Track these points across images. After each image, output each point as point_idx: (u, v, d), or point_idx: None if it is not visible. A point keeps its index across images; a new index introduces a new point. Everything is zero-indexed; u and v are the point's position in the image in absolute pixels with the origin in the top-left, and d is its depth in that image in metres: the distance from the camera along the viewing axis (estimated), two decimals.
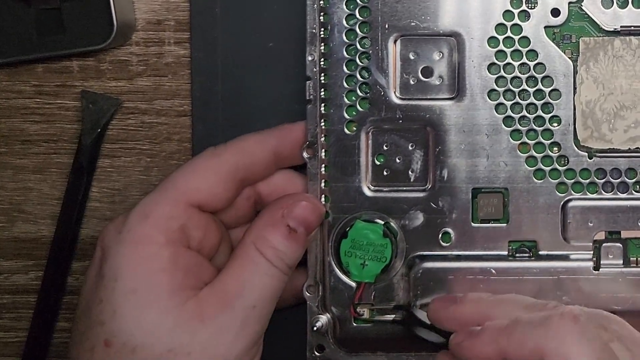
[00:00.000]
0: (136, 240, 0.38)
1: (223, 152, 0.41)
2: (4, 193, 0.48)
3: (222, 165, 0.41)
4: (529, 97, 0.43)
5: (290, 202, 0.41)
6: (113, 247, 0.39)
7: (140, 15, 0.47)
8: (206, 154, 0.41)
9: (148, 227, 0.39)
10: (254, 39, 0.46)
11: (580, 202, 0.43)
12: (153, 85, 0.47)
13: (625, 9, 0.43)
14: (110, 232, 0.39)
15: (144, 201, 0.40)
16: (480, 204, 0.44)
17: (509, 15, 0.43)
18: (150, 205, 0.39)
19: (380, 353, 0.44)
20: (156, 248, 0.38)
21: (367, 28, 0.43)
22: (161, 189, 0.40)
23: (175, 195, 0.40)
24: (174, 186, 0.40)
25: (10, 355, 0.48)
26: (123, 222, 0.39)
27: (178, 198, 0.40)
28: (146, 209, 0.39)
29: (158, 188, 0.40)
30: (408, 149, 0.43)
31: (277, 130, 0.43)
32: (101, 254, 0.39)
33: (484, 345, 0.38)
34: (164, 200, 0.40)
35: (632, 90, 0.43)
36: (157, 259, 0.38)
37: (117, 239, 0.39)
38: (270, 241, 0.40)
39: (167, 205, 0.39)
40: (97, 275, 0.39)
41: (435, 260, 0.43)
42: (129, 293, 0.38)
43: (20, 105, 0.47)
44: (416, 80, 0.43)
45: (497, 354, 0.38)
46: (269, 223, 0.40)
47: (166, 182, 0.40)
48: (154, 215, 0.39)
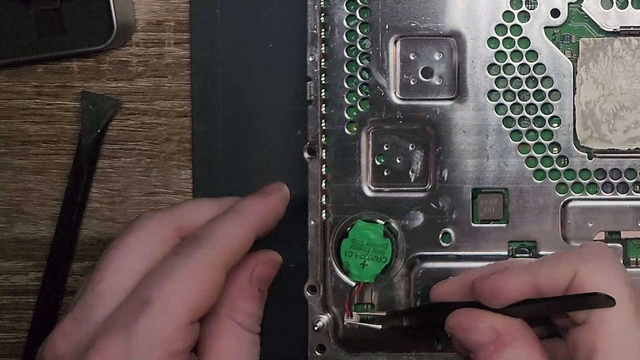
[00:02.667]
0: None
1: (210, 251, 0.37)
2: (4, 194, 0.47)
3: (216, 269, 0.37)
4: (528, 98, 0.43)
5: (253, 262, 0.40)
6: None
7: (140, 16, 0.47)
8: (196, 254, 0.37)
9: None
10: (254, 40, 0.46)
11: (580, 203, 0.43)
12: (153, 86, 0.47)
13: (625, 9, 0.43)
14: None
15: (138, 335, 0.34)
16: (480, 204, 0.44)
17: (508, 16, 0.43)
18: (152, 337, 0.35)
19: (380, 353, 0.44)
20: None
21: (367, 29, 0.43)
22: (153, 311, 0.35)
23: (175, 318, 0.35)
24: (168, 308, 0.35)
25: (10, 356, 0.48)
26: (110, 346, 0.34)
27: (178, 321, 0.35)
28: (146, 344, 0.34)
29: (147, 308, 0.35)
30: (408, 150, 0.44)
31: (258, 209, 0.40)
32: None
33: (512, 277, 0.36)
34: (165, 328, 0.35)
35: (631, 90, 0.43)
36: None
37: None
38: (247, 309, 0.39)
39: (170, 332, 0.35)
40: None
41: (435, 261, 0.44)
42: None
43: (20, 105, 0.47)
44: (416, 80, 0.43)
45: (526, 284, 0.36)
46: (241, 292, 0.39)
47: (153, 300, 0.35)
48: (161, 348, 0.35)
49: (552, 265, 0.36)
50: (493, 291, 0.37)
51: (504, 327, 0.36)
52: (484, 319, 0.37)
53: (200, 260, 0.36)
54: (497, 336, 0.36)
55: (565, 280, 0.36)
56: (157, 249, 0.38)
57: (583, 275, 0.35)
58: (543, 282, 0.36)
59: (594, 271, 0.35)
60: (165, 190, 0.47)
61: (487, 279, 0.37)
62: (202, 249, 0.37)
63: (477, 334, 0.36)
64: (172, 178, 0.47)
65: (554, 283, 0.36)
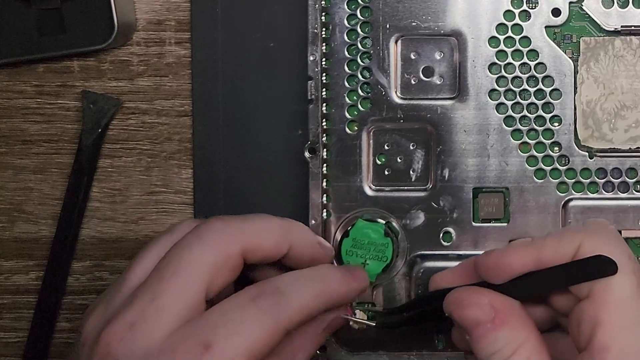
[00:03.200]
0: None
1: (285, 314, 0.36)
2: (4, 193, 0.47)
3: (283, 332, 0.36)
4: (529, 97, 0.43)
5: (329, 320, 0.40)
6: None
7: (140, 15, 0.47)
8: (271, 313, 0.36)
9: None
10: (254, 39, 0.46)
11: (581, 202, 0.43)
12: (154, 85, 0.47)
13: (625, 8, 0.43)
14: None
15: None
16: (481, 204, 0.44)
17: (509, 15, 0.43)
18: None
19: (381, 352, 0.44)
20: None
21: (368, 28, 0.43)
22: (212, 356, 0.34)
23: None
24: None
25: (11, 356, 0.48)
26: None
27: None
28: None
29: (205, 354, 0.34)
30: (409, 149, 0.44)
31: (343, 290, 0.39)
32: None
33: (516, 250, 0.36)
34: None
35: (632, 89, 0.43)
36: None
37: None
38: (310, 350, 0.40)
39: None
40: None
41: (436, 260, 0.44)
42: None
43: (21, 105, 0.47)
44: (417, 80, 0.43)
45: (531, 257, 0.36)
46: (311, 337, 0.40)
47: (214, 350, 0.34)
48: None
49: (556, 238, 0.36)
50: (496, 265, 0.37)
51: (503, 305, 0.36)
52: (484, 295, 0.36)
53: (274, 321, 0.36)
54: (495, 314, 0.36)
55: (569, 251, 0.35)
56: (221, 269, 0.37)
57: (587, 246, 0.35)
58: (547, 254, 0.36)
59: (598, 243, 0.35)
60: (165, 189, 0.47)
61: (489, 254, 0.37)
62: (280, 309, 0.36)
63: (476, 310, 0.36)
64: (173, 177, 0.47)
65: (558, 255, 0.36)
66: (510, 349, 0.35)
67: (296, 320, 0.37)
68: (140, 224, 0.47)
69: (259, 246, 0.38)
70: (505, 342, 0.35)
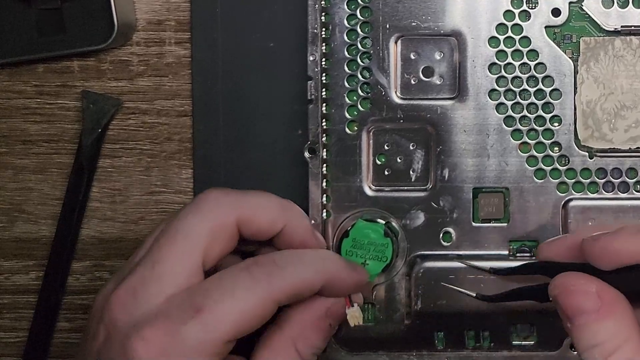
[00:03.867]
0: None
1: (278, 285, 0.37)
2: (4, 193, 0.47)
3: (273, 303, 0.37)
4: (529, 97, 0.43)
5: (334, 304, 0.40)
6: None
7: (140, 15, 0.47)
8: (263, 282, 0.37)
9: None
10: (254, 39, 0.46)
11: (581, 202, 0.43)
12: (154, 86, 0.47)
13: (625, 8, 0.43)
14: (140, 352, 0.35)
15: (181, 336, 0.35)
16: (481, 204, 0.44)
17: (509, 15, 0.43)
18: (191, 343, 0.35)
19: (381, 352, 0.44)
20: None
21: (368, 28, 0.43)
22: (200, 321, 0.35)
23: (216, 335, 0.36)
24: (214, 324, 0.36)
25: (11, 355, 0.48)
26: (154, 339, 0.35)
27: (218, 338, 0.36)
28: (184, 347, 0.35)
29: (196, 316, 0.36)
30: (409, 149, 0.44)
31: (343, 280, 0.40)
32: (111, 328, 0.36)
33: (625, 238, 0.36)
34: (204, 341, 0.36)
35: (632, 90, 0.43)
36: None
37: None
38: (312, 340, 0.39)
39: (207, 346, 0.36)
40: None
41: (436, 260, 0.44)
42: None
43: (21, 105, 0.47)
44: (417, 80, 0.43)
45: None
46: (312, 322, 0.39)
47: (205, 312, 0.36)
48: (195, 358, 0.36)
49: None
50: (603, 252, 0.36)
51: (611, 297, 0.35)
52: (592, 283, 0.35)
53: (265, 290, 0.37)
54: (601, 304, 0.35)
55: None
56: (217, 236, 0.38)
57: None
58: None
59: None
60: (166, 189, 0.47)
61: (597, 239, 0.36)
62: (272, 280, 0.37)
63: (581, 298, 0.35)
64: (173, 177, 0.47)
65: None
66: (613, 345, 0.34)
67: (288, 293, 0.37)
68: (140, 224, 0.47)
69: (254, 218, 0.39)
70: (609, 336, 0.34)
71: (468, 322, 0.44)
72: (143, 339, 0.35)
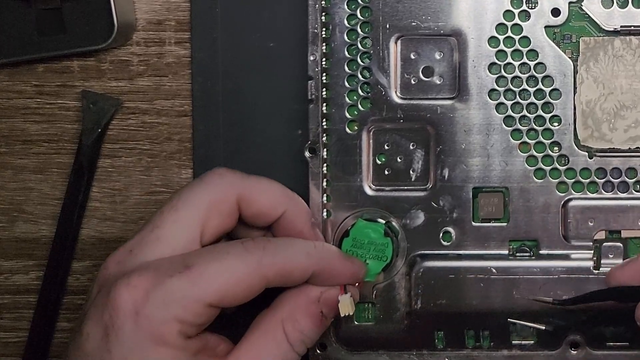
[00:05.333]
0: (154, 337, 0.36)
1: (268, 262, 0.38)
2: (4, 193, 0.47)
3: (261, 278, 0.38)
4: (529, 97, 0.43)
5: (326, 291, 0.40)
6: (127, 324, 0.36)
7: (140, 15, 0.47)
8: (255, 256, 0.38)
9: (169, 325, 0.36)
10: (254, 39, 0.46)
11: (581, 202, 0.43)
12: (153, 85, 0.47)
13: (625, 8, 0.43)
14: (124, 295, 0.36)
15: (166, 286, 0.36)
16: (480, 204, 0.44)
17: (509, 15, 0.43)
18: (174, 295, 0.36)
19: (381, 352, 0.44)
20: (170, 353, 0.36)
21: (368, 28, 0.43)
22: (187, 277, 0.37)
23: (200, 294, 0.37)
24: (200, 282, 0.37)
25: (11, 355, 0.48)
26: (139, 285, 0.36)
27: (201, 297, 0.37)
28: (167, 297, 0.36)
29: (184, 271, 0.37)
30: (409, 149, 0.44)
31: (337, 268, 0.40)
32: (110, 319, 0.37)
33: None
34: (187, 297, 0.36)
35: (632, 89, 0.43)
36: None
37: (134, 318, 0.36)
38: (301, 325, 0.39)
39: (189, 303, 0.37)
40: (102, 344, 0.37)
41: (436, 260, 0.44)
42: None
43: (21, 105, 0.47)
44: (417, 80, 0.43)
45: None
46: (303, 305, 0.39)
47: (193, 269, 0.37)
48: (175, 312, 0.36)
49: None
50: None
51: None
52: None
53: (255, 262, 0.38)
54: None
55: None
56: (217, 209, 0.39)
57: None
58: None
59: None
60: (166, 189, 0.47)
61: None
62: (264, 254, 0.38)
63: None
64: (173, 177, 0.47)
65: None
66: None
67: (278, 270, 0.38)
68: (140, 224, 0.47)
69: (255, 198, 0.40)
70: None
71: (468, 322, 0.44)
72: (129, 285, 0.36)
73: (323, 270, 0.39)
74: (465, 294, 0.43)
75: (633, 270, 0.41)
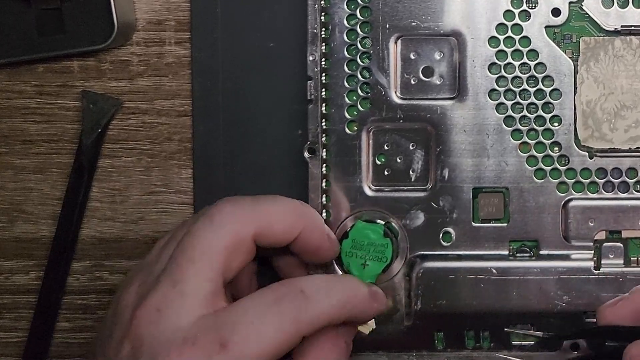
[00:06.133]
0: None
1: (291, 311, 0.37)
2: (4, 193, 0.47)
3: (300, 335, 0.37)
4: (529, 97, 0.43)
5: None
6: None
7: (140, 15, 0.47)
8: (291, 315, 0.37)
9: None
10: (254, 39, 0.46)
11: (581, 202, 0.43)
12: (154, 85, 0.47)
13: (625, 8, 0.43)
14: (149, 323, 0.36)
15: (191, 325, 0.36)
16: (481, 204, 0.44)
17: (509, 15, 0.43)
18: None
19: (381, 352, 0.44)
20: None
21: (368, 28, 0.43)
22: (226, 356, 0.35)
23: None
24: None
25: (11, 355, 0.48)
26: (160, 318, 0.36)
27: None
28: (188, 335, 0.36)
29: (222, 352, 0.35)
30: (409, 149, 0.44)
31: (365, 308, 0.40)
32: (137, 344, 0.36)
33: None
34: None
35: (632, 89, 0.43)
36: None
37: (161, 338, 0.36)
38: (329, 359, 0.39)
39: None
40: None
41: (436, 260, 0.44)
42: None
43: (21, 105, 0.47)
44: (417, 80, 0.43)
45: None
46: (330, 347, 0.39)
47: (230, 347, 0.35)
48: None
49: None
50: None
51: None
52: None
53: (292, 326, 0.36)
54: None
55: None
56: (235, 252, 0.38)
57: None
58: None
59: None
60: (165, 189, 0.47)
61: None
62: (300, 315, 0.37)
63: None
64: (173, 177, 0.47)
65: None
66: None
67: (316, 327, 0.37)
68: (140, 224, 0.47)
69: (271, 229, 0.39)
70: None
71: (468, 323, 0.44)
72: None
73: (353, 317, 0.39)
74: (465, 294, 0.43)
75: (625, 309, 0.40)
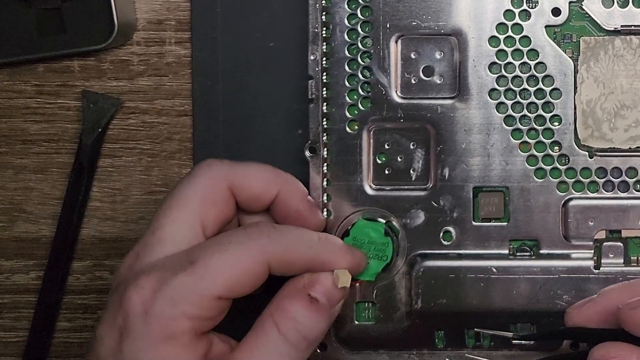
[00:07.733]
0: (164, 335, 0.36)
1: (271, 246, 0.38)
2: (4, 193, 0.47)
3: (264, 263, 0.38)
4: (529, 97, 0.43)
5: (313, 275, 0.39)
6: (138, 325, 0.36)
7: (141, 15, 0.47)
8: (257, 242, 0.38)
9: (178, 322, 0.36)
10: (254, 39, 0.46)
11: (581, 201, 0.43)
12: (154, 85, 0.47)
13: (625, 8, 0.43)
14: (133, 296, 0.37)
15: (172, 284, 0.37)
16: (481, 203, 0.44)
17: (509, 15, 0.43)
18: (182, 292, 0.37)
19: (382, 351, 0.44)
20: (181, 351, 0.37)
21: (368, 27, 0.43)
22: (192, 272, 0.37)
23: (207, 287, 0.37)
24: (205, 275, 0.37)
25: (11, 355, 0.48)
26: (146, 285, 0.37)
27: (208, 291, 0.37)
28: (174, 295, 0.36)
29: (189, 267, 0.37)
30: (409, 148, 0.44)
31: (339, 257, 0.40)
32: (121, 321, 0.37)
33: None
34: (194, 292, 0.37)
35: (632, 89, 0.43)
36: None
37: (144, 318, 0.36)
38: (289, 311, 0.38)
39: (197, 298, 0.37)
40: (115, 346, 0.37)
41: (436, 259, 0.44)
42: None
43: (21, 105, 0.47)
44: (417, 79, 0.43)
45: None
46: (289, 293, 0.39)
47: (198, 264, 0.37)
48: (184, 308, 0.36)
49: None
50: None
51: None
52: (633, 354, 0.36)
53: (258, 247, 0.38)
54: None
55: None
56: (210, 200, 0.40)
57: None
58: None
59: None
60: (166, 189, 0.47)
61: (636, 307, 0.37)
62: (267, 240, 0.38)
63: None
64: (173, 177, 0.47)
65: None
66: None
67: (280, 256, 0.38)
68: (140, 224, 0.47)
69: (246, 183, 0.40)
70: None
71: (468, 321, 0.44)
72: (136, 286, 0.37)
73: (324, 262, 0.39)
74: (465, 293, 0.43)
75: (591, 312, 0.40)
